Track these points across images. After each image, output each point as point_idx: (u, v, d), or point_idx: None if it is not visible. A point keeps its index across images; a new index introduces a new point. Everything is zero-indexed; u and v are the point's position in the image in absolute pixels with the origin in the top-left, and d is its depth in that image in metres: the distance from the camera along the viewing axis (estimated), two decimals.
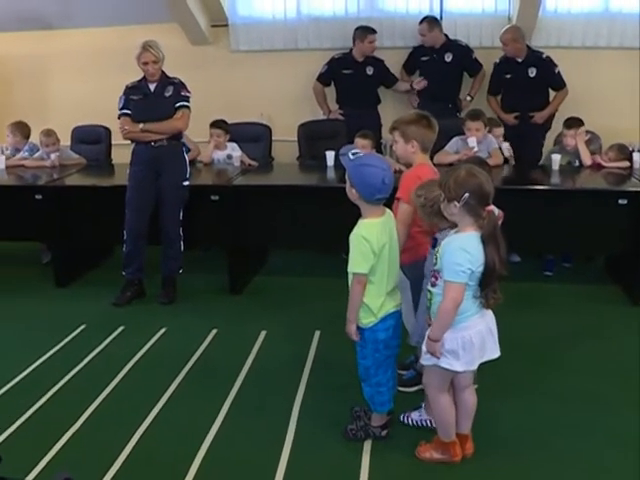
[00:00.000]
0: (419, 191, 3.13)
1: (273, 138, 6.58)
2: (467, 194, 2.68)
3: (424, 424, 3.35)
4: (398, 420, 3.34)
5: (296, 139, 6.48)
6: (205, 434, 3.34)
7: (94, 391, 3.82)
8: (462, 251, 2.69)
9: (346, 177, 2.98)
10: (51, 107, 7.41)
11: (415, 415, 3.39)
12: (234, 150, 5.98)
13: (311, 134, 6.45)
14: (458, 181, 2.71)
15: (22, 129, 6.49)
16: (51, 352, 4.38)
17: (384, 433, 3.23)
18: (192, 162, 5.64)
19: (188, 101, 5.03)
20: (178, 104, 4.99)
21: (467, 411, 3.03)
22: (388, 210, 3.06)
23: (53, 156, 6.13)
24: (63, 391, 3.88)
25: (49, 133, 6.29)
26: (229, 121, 6.12)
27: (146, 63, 4.91)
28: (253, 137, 6.43)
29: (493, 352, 2.89)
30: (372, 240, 2.88)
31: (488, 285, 2.74)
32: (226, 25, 7.10)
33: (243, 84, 7.08)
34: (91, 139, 6.66)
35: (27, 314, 5.08)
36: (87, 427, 3.48)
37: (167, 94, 4.99)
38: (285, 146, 6.67)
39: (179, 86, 5.02)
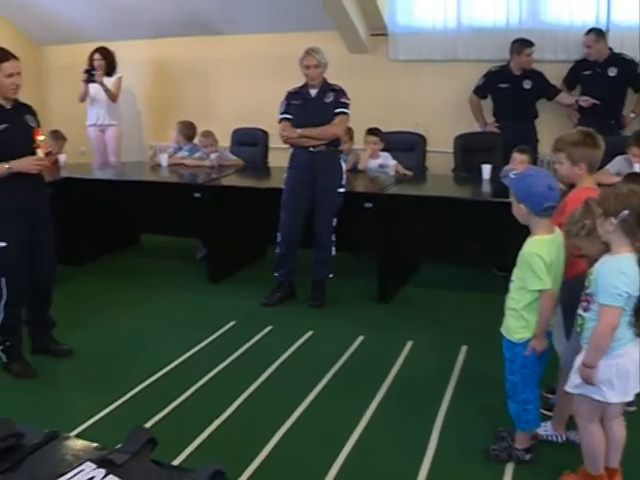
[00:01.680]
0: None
1: (428, 148, 6.57)
2: (627, 211, 2.59)
3: (549, 439, 3.31)
4: None
5: (451, 151, 6.43)
6: (346, 440, 3.38)
7: (240, 386, 3.96)
8: (619, 273, 2.60)
9: (511, 197, 2.96)
10: (214, 109, 7.68)
11: (540, 429, 3.32)
12: (388, 159, 6.01)
13: (467, 146, 6.37)
14: (619, 197, 2.63)
15: (188, 129, 6.76)
16: (201, 345, 4.58)
17: (527, 457, 3.17)
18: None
19: (347, 108, 5.09)
20: (337, 110, 5.06)
21: (616, 443, 2.91)
22: (557, 228, 3.01)
23: (213, 156, 6.37)
24: (211, 383, 4.05)
25: (207, 134, 6.53)
26: (384, 130, 6.15)
27: (308, 67, 5.01)
28: (408, 146, 6.44)
29: None
30: (544, 256, 2.86)
31: None
32: (385, 34, 7.12)
33: (400, 93, 7.10)
34: (250, 141, 6.85)
35: (181, 307, 5.32)
36: (232, 420, 3.61)
37: (327, 100, 5.08)
38: (439, 157, 6.64)
39: (340, 93, 5.09)
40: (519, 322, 2.97)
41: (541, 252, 2.86)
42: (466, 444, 3.34)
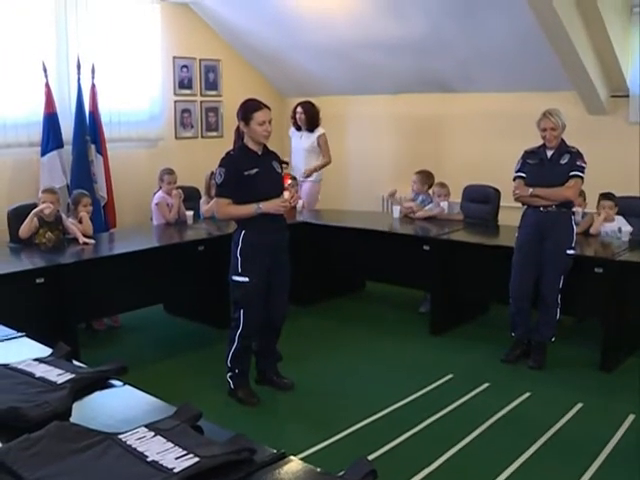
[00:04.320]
0: None
1: None
2: None
3: None
4: None
5: None
6: None
7: (452, 439, 4.00)
8: None
9: None
10: (446, 164, 7.73)
11: None
12: (624, 224, 5.80)
13: None
14: None
15: (426, 179, 6.83)
16: (416, 395, 4.68)
17: None
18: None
19: (582, 172, 5.01)
20: (572, 173, 5.00)
21: None
22: None
23: (443, 204, 6.50)
24: (423, 433, 4.13)
25: (443, 184, 6.64)
26: (618, 194, 5.95)
27: (544, 129, 5.01)
28: None
29: None
30: None
31: None
32: (627, 96, 6.91)
33: (637, 157, 6.84)
34: (481, 198, 6.81)
35: (400, 355, 5.47)
36: (441, 472, 3.66)
37: (562, 161, 5.03)
38: None
39: (576, 155, 5.03)
40: None
41: None
42: None
